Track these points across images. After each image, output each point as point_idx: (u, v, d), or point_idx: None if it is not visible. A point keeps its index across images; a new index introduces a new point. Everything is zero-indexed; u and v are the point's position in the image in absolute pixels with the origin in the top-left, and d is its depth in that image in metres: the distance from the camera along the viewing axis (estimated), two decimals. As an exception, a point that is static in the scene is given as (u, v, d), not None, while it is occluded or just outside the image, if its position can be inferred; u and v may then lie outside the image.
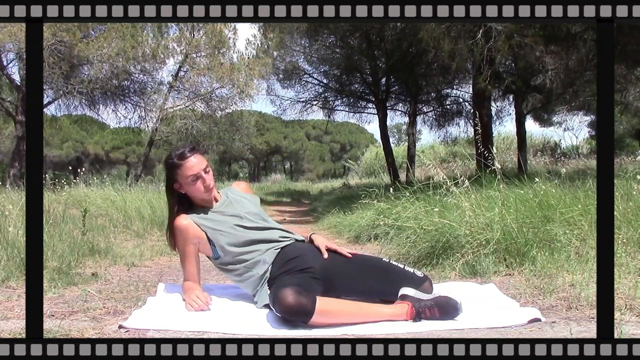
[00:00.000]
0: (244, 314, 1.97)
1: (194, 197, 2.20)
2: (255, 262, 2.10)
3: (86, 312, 2.02)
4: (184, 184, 2.16)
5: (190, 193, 2.18)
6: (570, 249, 2.70)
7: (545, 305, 2.00)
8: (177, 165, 2.13)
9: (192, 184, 2.14)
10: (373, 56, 13.23)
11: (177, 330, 1.75)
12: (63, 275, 2.73)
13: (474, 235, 2.89)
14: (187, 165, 2.12)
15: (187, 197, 2.21)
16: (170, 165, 2.16)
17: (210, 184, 2.16)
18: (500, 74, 10.66)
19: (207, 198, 2.20)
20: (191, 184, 2.14)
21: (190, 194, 2.19)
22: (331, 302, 1.84)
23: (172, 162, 2.14)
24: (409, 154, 13.87)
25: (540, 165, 15.71)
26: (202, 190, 2.16)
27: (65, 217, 4.67)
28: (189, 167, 2.12)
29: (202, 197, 2.19)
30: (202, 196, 2.18)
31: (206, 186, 2.15)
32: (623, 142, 19.67)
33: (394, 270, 2.09)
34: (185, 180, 2.14)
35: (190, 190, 2.17)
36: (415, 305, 1.84)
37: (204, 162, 2.16)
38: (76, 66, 11.21)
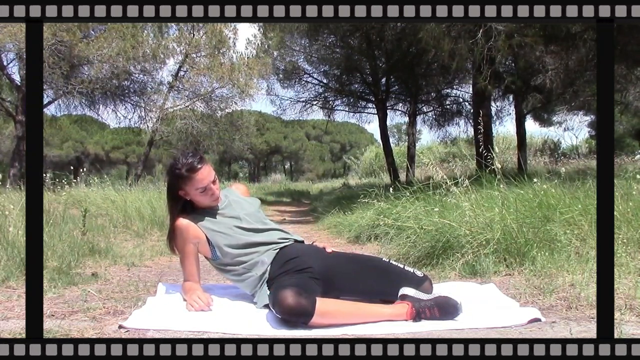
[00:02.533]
0: (244, 314, 1.97)
1: (198, 203, 2.19)
2: (254, 263, 2.10)
3: (86, 312, 2.02)
4: (191, 193, 2.14)
5: (195, 200, 2.18)
6: (570, 249, 2.70)
7: (545, 305, 2.00)
8: (187, 177, 2.09)
9: (200, 195, 2.14)
10: (373, 56, 13.23)
11: (177, 330, 1.75)
12: (63, 275, 2.73)
13: (474, 235, 2.89)
14: (197, 178, 2.09)
15: (191, 202, 2.20)
16: (179, 175, 2.10)
17: (217, 194, 2.17)
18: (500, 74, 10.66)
19: (211, 205, 2.20)
20: (199, 195, 2.14)
21: (194, 200, 2.18)
22: (331, 303, 1.84)
23: (181, 173, 2.09)
24: (409, 154, 13.88)
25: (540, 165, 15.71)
26: (209, 200, 2.16)
27: (65, 217, 4.67)
28: (199, 179, 2.09)
29: (206, 204, 2.19)
30: (207, 204, 2.18)
31: (214, 198, 2.16)
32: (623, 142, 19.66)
33: (394, 270, 2.09)
34: (193, 191, 2.12)
35: (196, 198, 2.16)
36: (415, 305, 1.84)
37: (212, 173, 2.14)
38: (76, 66, 11.22)
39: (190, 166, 2.08)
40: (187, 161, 2.09)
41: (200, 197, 2.15)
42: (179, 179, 2.11)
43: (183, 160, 2.10)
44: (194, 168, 2.08)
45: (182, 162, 2.10)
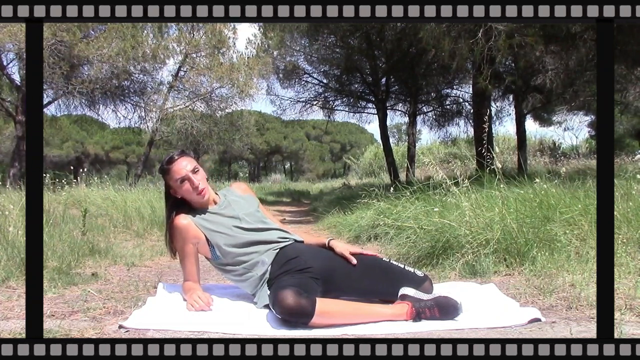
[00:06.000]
0: (244, 314, 1.97)
1: (189, 200, 2.18)
2: (254, 263, 2.10)
3: (86, 312, 2.03)
4: (175, 187, 2.16)
5: (183, 196, 2.17)
6: (570, 249, 2.70)
7: (545, 305, 2.00)
8: (166, 170, 2.15)
9: (181, 187, 2.14)
10: (373, 56, 13.22)
11: (177, 330, 1.75)
12: (63, 275, 2.73)
13: (474, 235, 2.89)
14: (174, 168, 2.13)
15: (185, 201, 2.20)
16: (162, 171, 2.18)
17: (199, 185, 2.14)
18: (500, 74, 10.66)
19: (199, 200, 2.17)
20: (180, 187, 2.14)
21: (184, 197, 2.18)
22: (331, 303, 1.84)
23: (162, 167, 2.18)
24: (409, 154, 13.87)
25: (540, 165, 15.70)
26: (191, 191, 2.14)
27: (65, 217, 4.68)
28: (176, 170, 2.13)
29: (194, 199, 2.17)
30: (194, 198, 2.16)
31: (194, 187, 2.13)
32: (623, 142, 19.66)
33: (394, 270, 2.09)
34: (174, 183, 2.15)
35: (182, 193, 2.16)
36: (415, 305, 1.84)
37: (192, 163, 2.16)
38: (76, 66, 11.21)
39: (169, 159, 2.16)
40: (168, 156, 2.18)
41: (184, 190, 2.14)
42: (163, 174, 2.19)
43: (166, 157, 2.20)
44: (171, 160, 2.15)
45: (164, 159, 2.19)
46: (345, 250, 2.15)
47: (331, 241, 2.21)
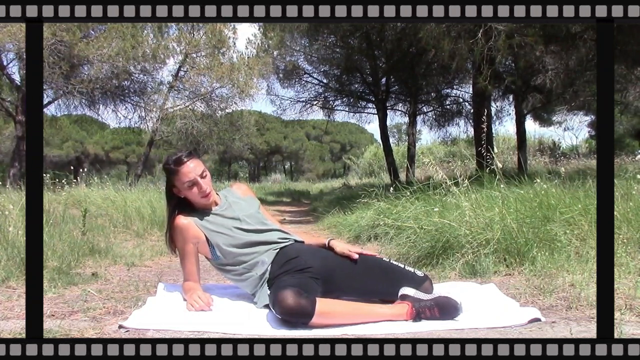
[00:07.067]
0: (244, 314, 1.97)
1: (193, 201, 2.20)
2: (255, 263, 2.10)
3: (86, 312, 2.03)
4: (181, 189, 2.16)
5: (187, 197, 2.19)
6: (570, 249, 2.70)
7: (545, 305, 2.00)
8: (174, 171, 2.14)
9: (188, 190, 2.14)
10: (373, 56, 13.22)
11: (177, 330, 1.75)
12: (63, 275, 2.73)
13: (474, 235, 2.89)
14: (183, 171, 2.12)
15: (187, 200, 2.21)
16: (167, 170, 2.17)
17: (207, 190, 2.15)
18: (500, 74, 10.65)
19: (204, 203, 2.19)
20: (187, 190, 2.14)
21: (188, 198, 2.19)
22: (331, 303, 1.84)
23: (169, 167, 2.15)
24: (409, 154, 13.87)
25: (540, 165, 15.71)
26: (198, 195, 2.15)
27: (65, 217, 4.67)
28: (185, 172, 2.12)
29: (199, 202, 2.19)
30: (199, 201, 2.18)
31: (202, 192, 2.15)
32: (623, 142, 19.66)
33: (394, 270, 2.09)
34: (181, 185, 2.14)
35: (187, 194, 2.17)
36: (415, 305, 1.84)
37: (200, 167, 2.15)
38: (76, 66, 11.20)
39: (177, 159, 2.14)
40: (175, 156, 2.16)
41: (190, 193, 2.15)
42: (168, 173, 2.17)
43: (173, 156, 2.18)
44: (180, 161, 2.13)
45: (171, 158, 2.17)
46: (346, 249, 2.15)
47: (331, 241, 2.21)
